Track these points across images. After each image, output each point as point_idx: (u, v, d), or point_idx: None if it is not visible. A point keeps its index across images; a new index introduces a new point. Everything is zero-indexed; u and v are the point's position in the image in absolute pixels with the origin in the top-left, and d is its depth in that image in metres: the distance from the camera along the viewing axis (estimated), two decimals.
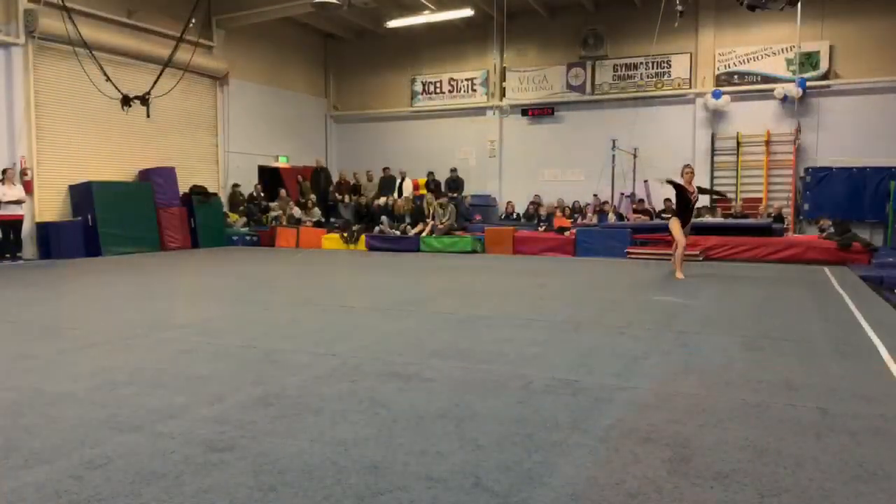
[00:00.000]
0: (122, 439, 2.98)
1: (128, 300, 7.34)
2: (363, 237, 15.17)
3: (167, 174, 15.10)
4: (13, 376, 4.09)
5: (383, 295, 7.82)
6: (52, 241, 12.86)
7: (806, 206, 15.25)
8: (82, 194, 13.50)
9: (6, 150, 12.60)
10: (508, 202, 17.60)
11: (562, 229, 13.93)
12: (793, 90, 14.99)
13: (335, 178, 18.83)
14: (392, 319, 6.12)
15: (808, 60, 15.28)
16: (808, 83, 15.12)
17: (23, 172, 12.67)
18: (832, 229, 12.67)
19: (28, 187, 12.66)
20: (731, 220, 14.40)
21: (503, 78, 18.18)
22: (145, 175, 14.92)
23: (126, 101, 12.81)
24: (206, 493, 2.43)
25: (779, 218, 14.54)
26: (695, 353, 4.71)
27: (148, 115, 13.21)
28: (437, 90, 19.44)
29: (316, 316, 6.33)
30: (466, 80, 18.98)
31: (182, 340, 5.13)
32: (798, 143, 15.42)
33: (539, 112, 18.06)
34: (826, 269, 10.72)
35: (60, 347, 4.91)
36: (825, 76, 15.26)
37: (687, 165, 9.76)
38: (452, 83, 19.17)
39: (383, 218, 15.68)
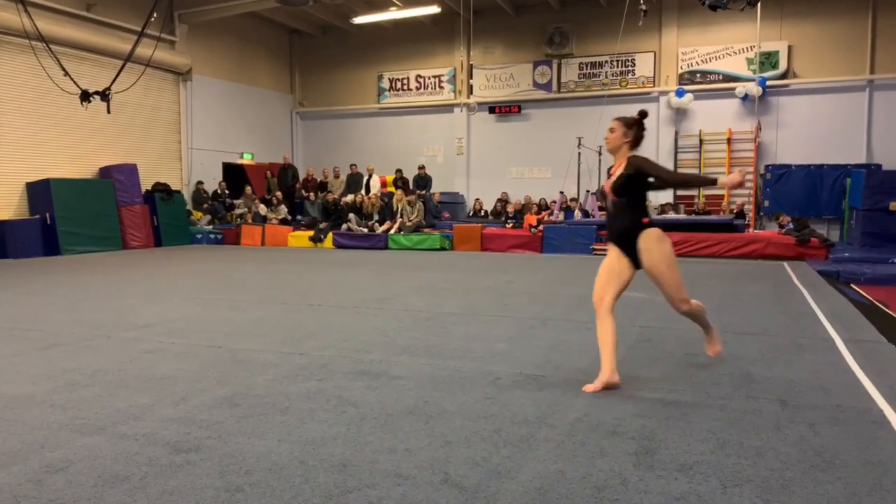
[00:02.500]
0: (84, 441, 2.92)
1: (88, 300, 7.19)
2: (331, 235, 15.07)
3: (129, 171, 14.79)
4: None
5: (351, 293, 7.79)
6: (7, 239, 12.49)
7: (766, 203, 15.60)
8: (40, 192, 13.15)
9: None
10: (476, 199, 17.64)
11: (533, 226, 14.01)
12: (753, 89, 15.31)
13: (302, 176, 18.67)
14: (360, 317, 6.10)
15: (768, 60, 15.62)
16: (768, 82, 15.46)
17: None
18: (791, 225, 12.99)
19: None
20: (693, 217, 14.66)
21: (470, 75, 18.21)
22: (106, 172, 14.60)
23: (85, 96, 12.50)
24: (171, 494, 2.40)
25: (740, 214, 14.86)
26: (658, 348, 4.79)
27: (108, 111, 12.90)
28: (405, 87, 19.38)
29: (282, 314, 6.27)
30: (433, 77, 18.97)
31: (145, 340, 5.04)
32: (758, 141, 15.75)
33: (506, 110, 18.14)
34: (785, 265, 10.98)
35: (18, 349, 4.78)
36: (784, 75, 15.61)
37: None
38: (420, 80, 19.14)
39: (351, 215, 15.60)
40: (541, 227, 13.86)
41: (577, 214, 15.02)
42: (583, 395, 3.61)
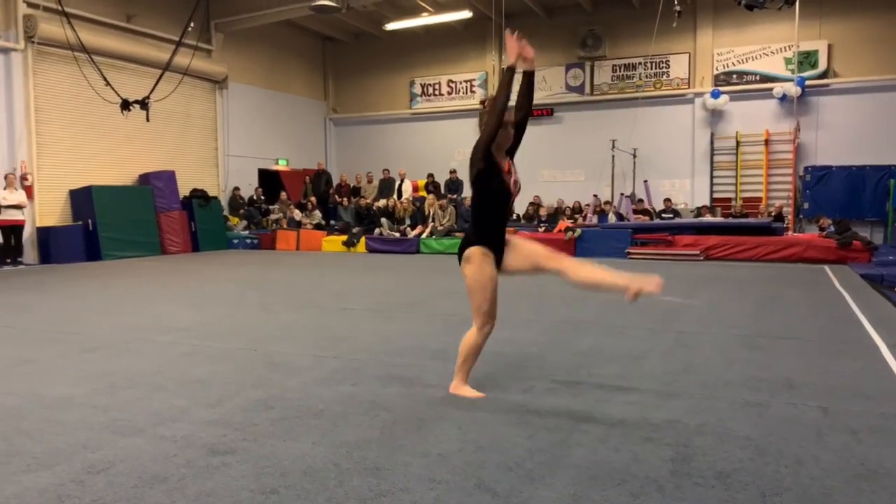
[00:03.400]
0: (124, 443, 2.98)
1: (128, 304, 7.35)
2: (363, 239, 15.18)
3: (167, 178, 15.11)
4: (14, 381, 4.09)
5: (383, 297, 7.82)
6: (52, 245, 12.87)
7: (806, 205, 15.25)
8: (83, 199, 13.51)
9: (7, 155, 12.61)
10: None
11: (568, 230, 13.90)
12: (791, 89, 15.00)
13: (335, 181, 18.85)
14: (393, 321, 6.12)
15: (807, 59, 15.29)
16: (807, 82, 15.12)
17: (23, 177, 12.68)
18: (832, 228, 12.68)
19: (29, 192, 12.67)
20: (731, 220, 14.41)
21: None
22: (145, 179, 14.92)
23: (125, 105, 12.81)
24: (208, 496, 2.43)
25: (779, 217, 14.55)
26: (695, 353, 4.71)
27: (147, 119, 13.22)
28: (436, 92, 19.45)
29: (316, 318, 6.33)
30: (465, 81, 18.99)
31: (182, 343, 5.13)
32: (797, 142, 15.42)
33: (538, 113, 18.04)
34: (826, 268, 10.72)
35: (61, 351, 4.91)
36: (824, 75, 15.26)
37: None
38: (451, 85, 19.18)
39: (383, 220, 15.69)
40: (577, 233, 13.68)
41: (612, 218, 14.88)
42: (617, 400, 3.57)
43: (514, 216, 17.04)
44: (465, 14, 16.58)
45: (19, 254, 12.26)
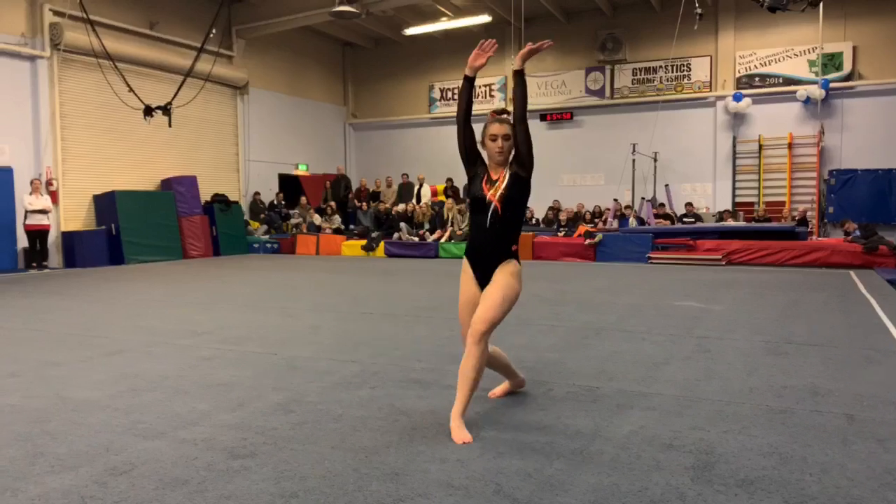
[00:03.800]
0: (146, 446, 3.01)
1: (150, 308, 7.43)
2: (382, 244, 15.22)
3: (189, 183, 15.28)
4: (39, 383, 4.15)
5: (402, 301, 7.83)
6: (76, 249, 13.07)
7: (830, 209, 15.04)
8: (106, 203, 13.70)
9: (33, 160, 12.84)
10: (527, 207, 17.54)
11: (589, 234, 13.83)
12: (815, 92, 14.81)
13: (354, 186, 18.94)
14: (411, 325, 6.13)
15: (831, 61, 15.10)
16: (832, 84, 14.92)
17: (49, 183, 12.90)
18: (858, 232, 12.48)
19: (54, 197, 12.88)
20: (753, 224, 14.24)
21: None
22: (167, 184, 15.11)
23: (148, 111, 12.98)
24: (228, 499, 2.45)
25: (803, 221, 14.36)
26: (717, 359, 4.65)
27: (170, 125, 13.38)
28: (455, 97, 19.46)
29: (335, 322, 6.35)
30: (484, 86, 19.00)
31: (203, 347, 5.17)
32: (822, 146, 15.21)
33: (558, 117, 18.02)
34: (852, 273, 10.55)
35: (85, 355, 4.97)
36: (849, 77, 15.05)
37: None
38: None
39: (402, 224, 15.72)
40: (597, 238, 13.60)
41: (632, 222, 14.78)
42: (638, 407, 3.53)
43: (534, 221, 17.01)
44: (485, 18, 16.60)
45: (45, 258, 12.46)
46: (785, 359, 4.64)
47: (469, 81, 3.39)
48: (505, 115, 3.40)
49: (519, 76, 3.36)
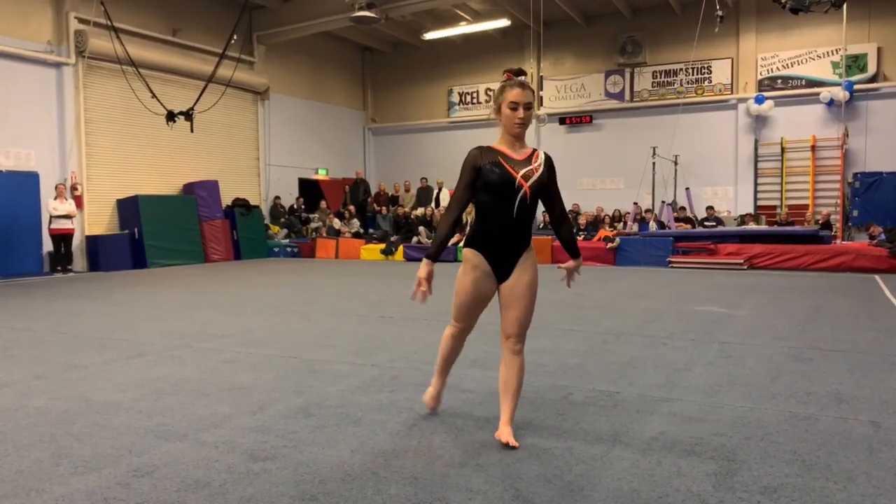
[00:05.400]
0: (168, 448, 3.04)
1: (172, 311, 7.51)
2: (401, 248, 15.26)
3: (210, 187, 15.44)
4: (64, 386, 4.21)
5: (421, 305, 7.82)
6: (100, 253, 13.26)
7: (855, 213, 14.82)
8: (129, 208, 13.89)
9: (58, 166, 13.06)
10: (545, 211, 17.50)
11: (609, 238, 13.76)
12: (839, 94, 14.62)
13: (374, 190, 19.02)
14: (430, 329, 6.13)
15: (855, 63, 14.90)
16: (855, 86, 14.72)
17: (73, 187, 13.10)
18: (883, 236, 12.28)
19: (78, 202, 13.08)
20: (776, 228, 14.08)
21: (540, 87, 18.14)
22: (189, 188, 15.28)
23: (171, 116, 13.15)
24: (248, 501, 2.46)
25: (826, 225, 14.16)
26: (739, 365, 4.60)
27: (192, 130, 13.54)
28: (474, 100, 19.49)
29: (354, 326, 6.37)
30: (491, 91, 18.95)
31: (224, 350, 5.22)
32: (845, 148, 15.01)
33: (577, 120, 17.96)
34: (877, 278, 10.39)
35: (108, 357, 5.04)
36: (873, 79, 14.85)
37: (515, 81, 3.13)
38: (489, 93, 19.20)
39: (421, 228, 15.75)
40: (617, 242, 13.55)
41: (653, 226, 14.68)
42: (659, 412, 3.50)
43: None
44: (503, 22, 16.61)
45: (69, 262, 12.65)
46: (809, 365, 4.58)
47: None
48: (524, 78, 3.01)
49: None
